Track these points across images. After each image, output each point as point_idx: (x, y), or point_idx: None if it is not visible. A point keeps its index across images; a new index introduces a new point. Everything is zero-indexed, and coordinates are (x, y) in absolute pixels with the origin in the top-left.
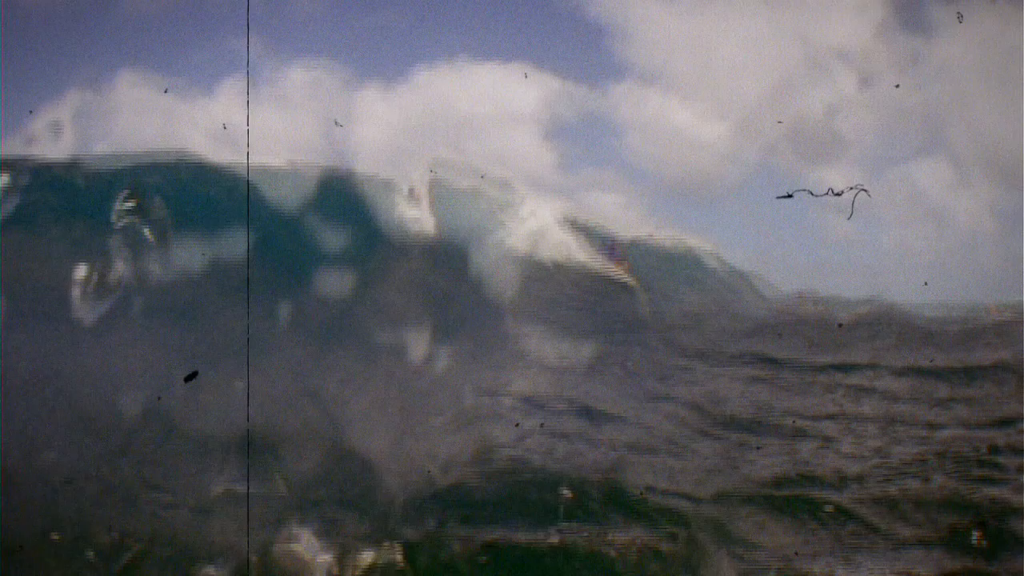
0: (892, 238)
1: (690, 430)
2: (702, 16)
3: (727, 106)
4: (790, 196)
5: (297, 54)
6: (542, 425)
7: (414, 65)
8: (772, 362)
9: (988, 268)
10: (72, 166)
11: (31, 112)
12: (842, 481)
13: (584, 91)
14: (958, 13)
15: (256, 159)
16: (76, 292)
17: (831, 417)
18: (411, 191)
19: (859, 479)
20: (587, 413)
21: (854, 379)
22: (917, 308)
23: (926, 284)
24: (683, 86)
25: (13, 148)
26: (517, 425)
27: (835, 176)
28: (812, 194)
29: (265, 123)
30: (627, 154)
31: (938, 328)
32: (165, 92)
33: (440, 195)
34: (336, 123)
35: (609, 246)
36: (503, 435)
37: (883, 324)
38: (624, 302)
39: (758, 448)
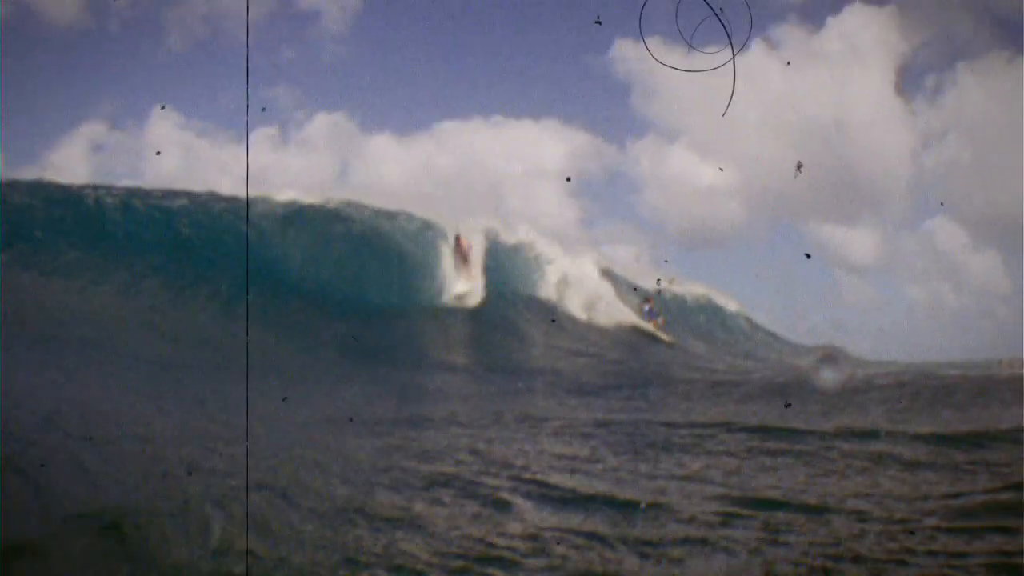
0: (909, 297)
1: (721, 516)
2: (723, 76)
3: (746, 165)
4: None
5: (326, 103)
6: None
7: (445, 118)
8: (790, 432)
9: (1003, 325)
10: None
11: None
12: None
13: (608, 147)
14: None
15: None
16: None
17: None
18: (457, 242)
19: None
20: (608, 503)
21: (875, 447)
22: (933, 367)
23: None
24: (703, 144)
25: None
26: None
27: (853, 236)
28: None
29: (292, 166)
30: (645, 210)
31: (954, 386)
32: None
33: (492, 250)
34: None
35: (645, 302)
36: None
37: (899, 385)
38: (657, 360)
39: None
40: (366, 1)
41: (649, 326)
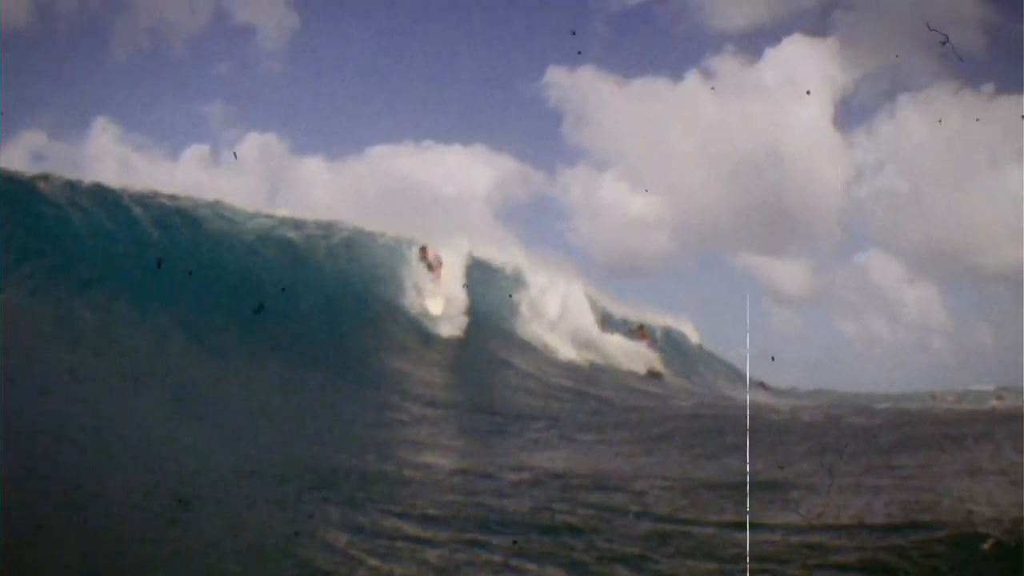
0: (841, 331)
1: None
2: (656, 105)
3: (677, 195)
4: None
5: (258, 123)
6: None
7: (377, 143)
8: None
9: (938, 358)
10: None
11: None
12: None
13: (537, 174)
14: None
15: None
16: None
17: None
18: (423, 252)
19: None
20: None
21: (788, 536)
22: (864, 399)
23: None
24: (634, 173)
25: None
26: None
27: (784, 268)
28: None
29: (224, 186)
30: (574, 237)
31: (879, 427)
32: None
33: (473, 271)
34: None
35: (640, 333)
36: None
37: (828, 420)
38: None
39: None
40: (303, 20)
41: (657, 361)
